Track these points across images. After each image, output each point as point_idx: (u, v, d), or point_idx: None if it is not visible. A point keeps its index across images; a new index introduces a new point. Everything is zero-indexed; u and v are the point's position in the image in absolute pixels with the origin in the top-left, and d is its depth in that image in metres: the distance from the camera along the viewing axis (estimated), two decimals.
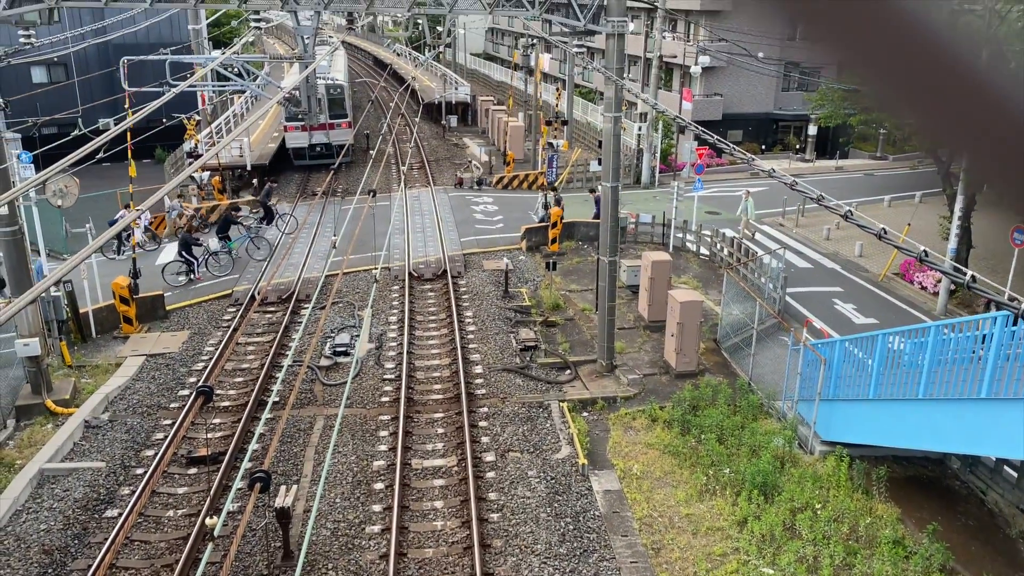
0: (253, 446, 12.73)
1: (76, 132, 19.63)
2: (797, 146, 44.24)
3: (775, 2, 1.25)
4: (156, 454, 14.23)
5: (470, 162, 37.24)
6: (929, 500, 13.49)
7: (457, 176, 34.61)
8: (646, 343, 19.19)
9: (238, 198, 31.24)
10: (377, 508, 12.91)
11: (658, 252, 21.77)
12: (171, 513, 12.86)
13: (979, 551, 12.32)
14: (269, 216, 26.74)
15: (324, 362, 18.10)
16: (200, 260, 23.12)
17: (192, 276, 22.78)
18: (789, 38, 40.38)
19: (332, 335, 19.30)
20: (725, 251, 24.31)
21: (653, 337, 19.36)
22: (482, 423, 15.52)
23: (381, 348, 18.73)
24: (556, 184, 31.92)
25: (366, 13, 32.84)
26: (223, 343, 18.66)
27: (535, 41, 41.65)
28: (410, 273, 23.20)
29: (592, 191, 27.75)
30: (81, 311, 18.89)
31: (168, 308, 20.78)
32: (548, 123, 35.90)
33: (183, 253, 22.82)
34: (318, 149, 36.92)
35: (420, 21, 62.65)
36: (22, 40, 15.26)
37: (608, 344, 17.62)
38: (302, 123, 35.52)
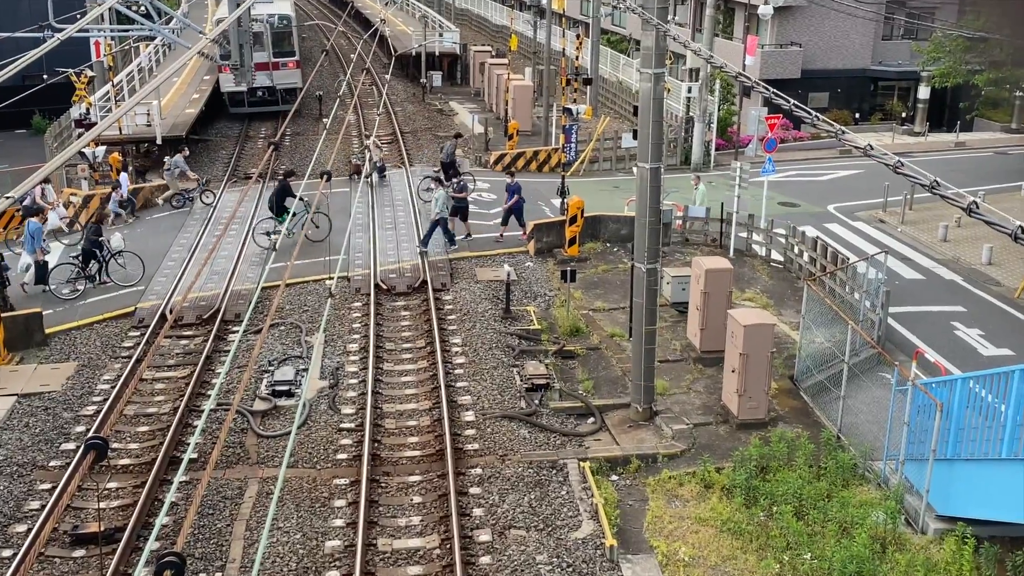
0: (162, 520, 12.68)
1: None
2: (903, 114, 44.39)
3: None
4: (29, 530, 14.20)
5: (366, 145, 36.54)
6: None
7: (352, 163, 33.45)
8: (697, 381, 19.19)
9: (145, 181, 31.32)
10: None
11: (714, 257, 21.77)
12: None
13: None
14: (454, 174, 29.88)
15: (259, 405, 18.09)
16: (102, 264, 23.16)
17: (93, 283, 22.81)
18: None
19: (270, 369, 19.32)
20: (805, 256, 24.32)
21: (707, 373, 19.35)
22: (474, 489, 15.50)
23: (337, 387, 18.73)
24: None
25: None
26: (122, 379, 18.65)
27: None
28: (377, 285, 23.24)
29: (511, 175, 27.31)
30: None
31: (48, 331, 20.80)
32: (568, 82, 35.97)
33: (89, 250, 22.73)
34: (259, 94, 37.40)
35: None
36: None
37: (646, 383, 17.60)
38: None
